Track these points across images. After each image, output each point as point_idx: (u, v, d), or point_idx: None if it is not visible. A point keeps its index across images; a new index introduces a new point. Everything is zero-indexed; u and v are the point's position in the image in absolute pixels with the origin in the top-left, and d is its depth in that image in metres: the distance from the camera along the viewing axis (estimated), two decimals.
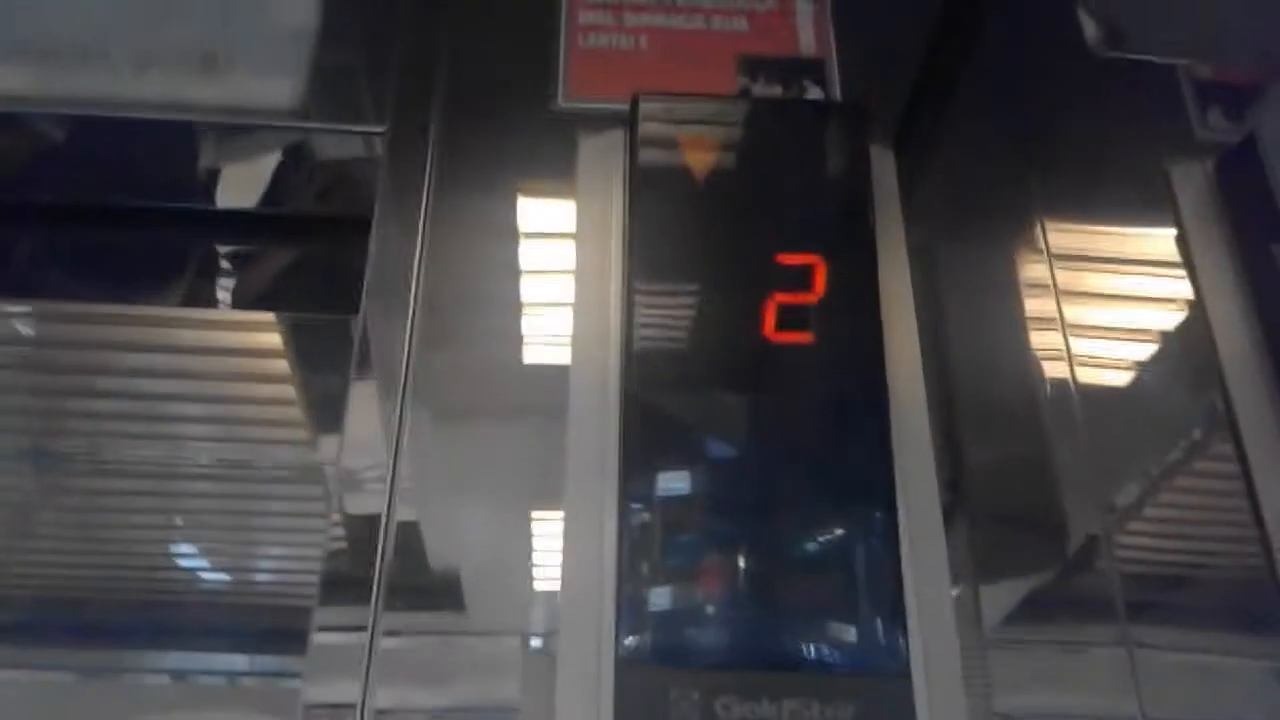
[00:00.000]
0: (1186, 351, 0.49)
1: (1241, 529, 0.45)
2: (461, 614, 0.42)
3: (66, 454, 0.54)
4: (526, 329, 0.49)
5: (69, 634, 0.49)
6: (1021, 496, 0.47)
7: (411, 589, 0.42)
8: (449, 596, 0.42)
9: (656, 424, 0.41)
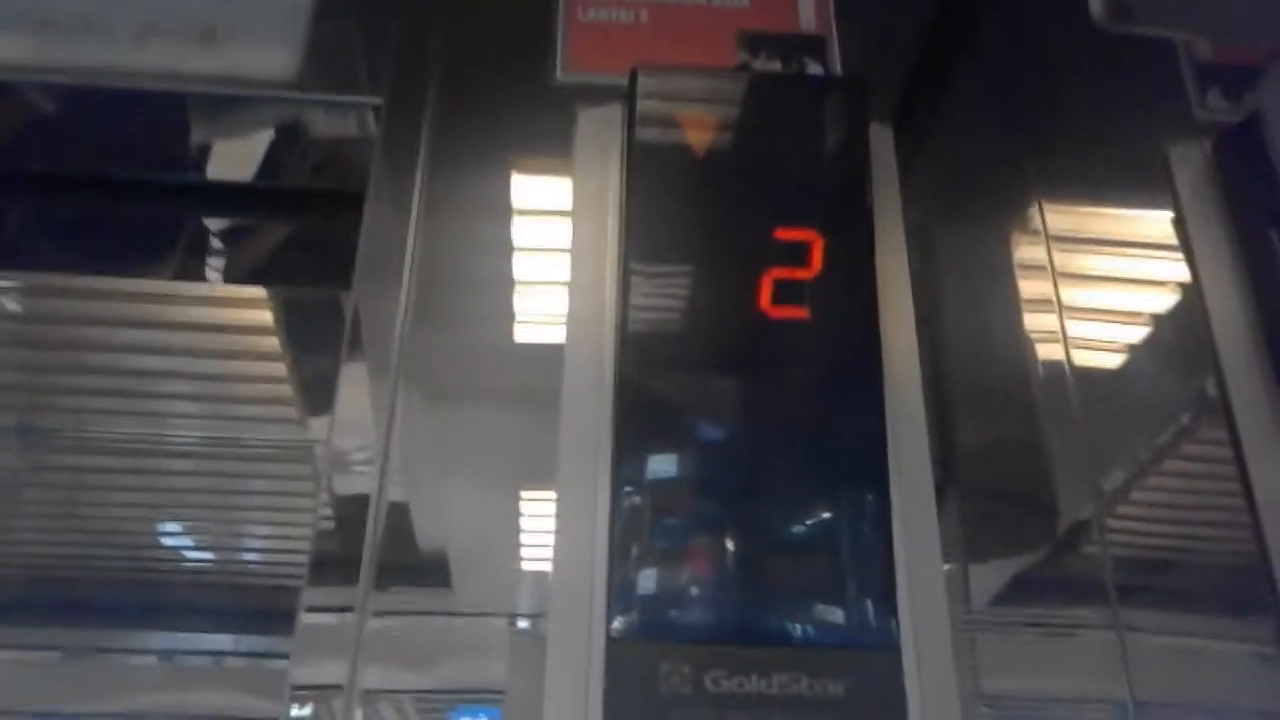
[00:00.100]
0: (1182, 335, 0.49)
1: (1233, 513, 0.45)
2: (451, 595, 0.42)
3: (52, 430, 0.53)
4: (521, 308, 0.48)
5: (54, 613, 0.48)
6: (1014, 477, 0.47)
7: (401, 569, 0.41)
8: (439, 577, 0.42)
9: (650, 405, 0.41)
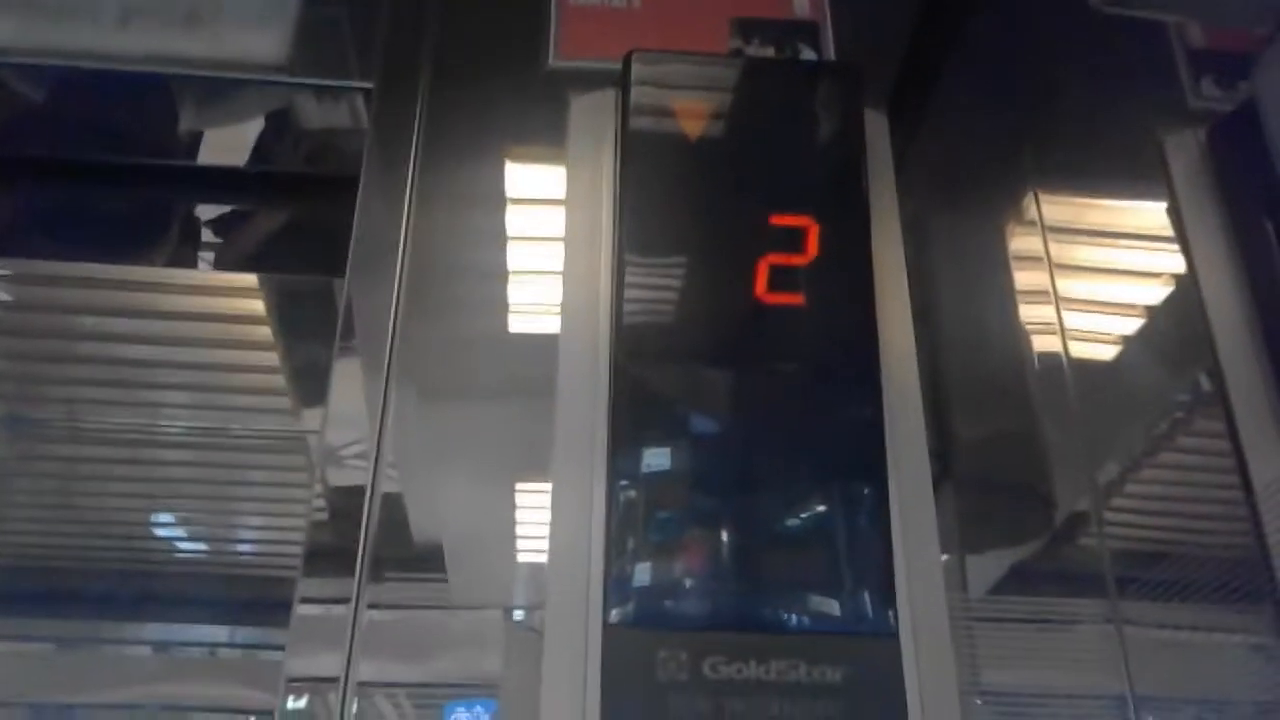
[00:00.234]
0: (1179, 325, 0.49)
1: (1230, 506, 0.45)
2: (446, 587, 0.42)
3: (44, 420, 0.53)
4: (515, 297, 0.48)
5: (47, 604, 0.48)
6: (1011, 469, 0.47)
7: (396, 561, 0.41)
8: (434, 569, 0.42)
9: (646, 393, 0.41)
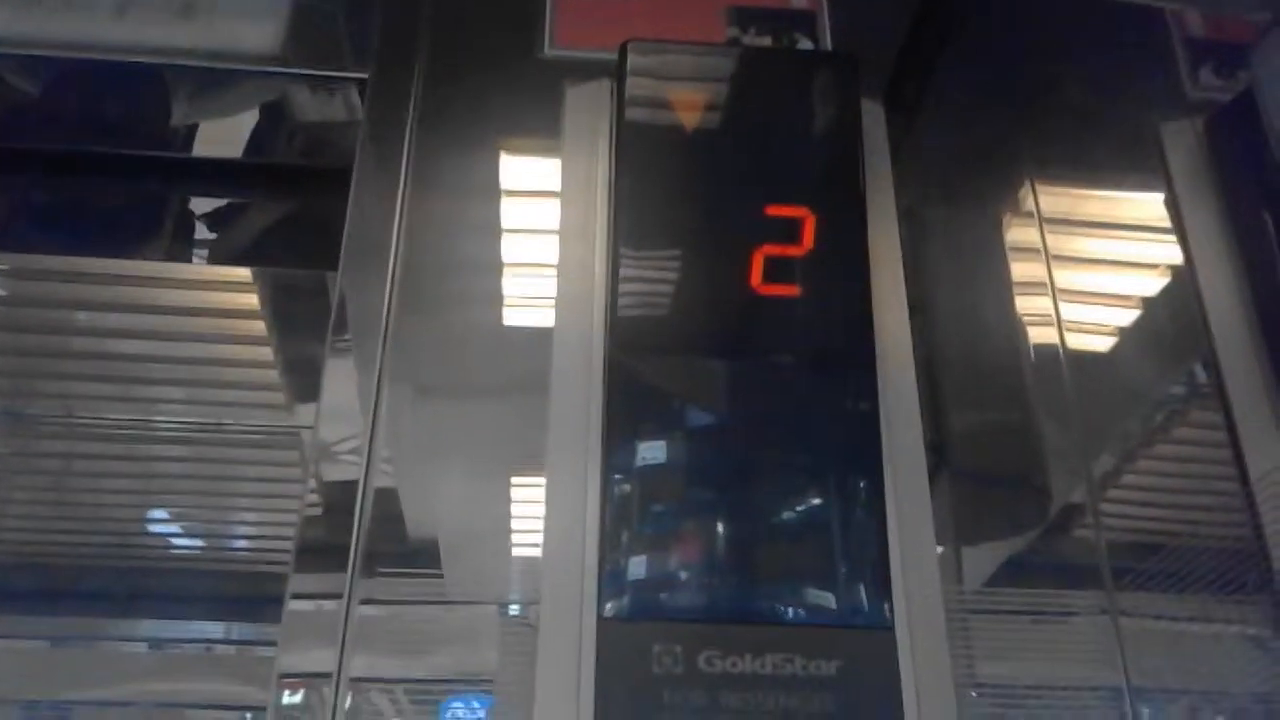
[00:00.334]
0: (1176, 316, 0.49)
1: (1227, 497, 0.45)
2: (440, 582, 0.41)
3: (38, 416, 0.52)
4: (509, 290, 0.48)
5: (41, 600, 0.48)
6: (1008, 461, 0.47)
7: (389, 556, 0.41)
8: (427, 564, 0.41)
9: (640, 386, 0.41)
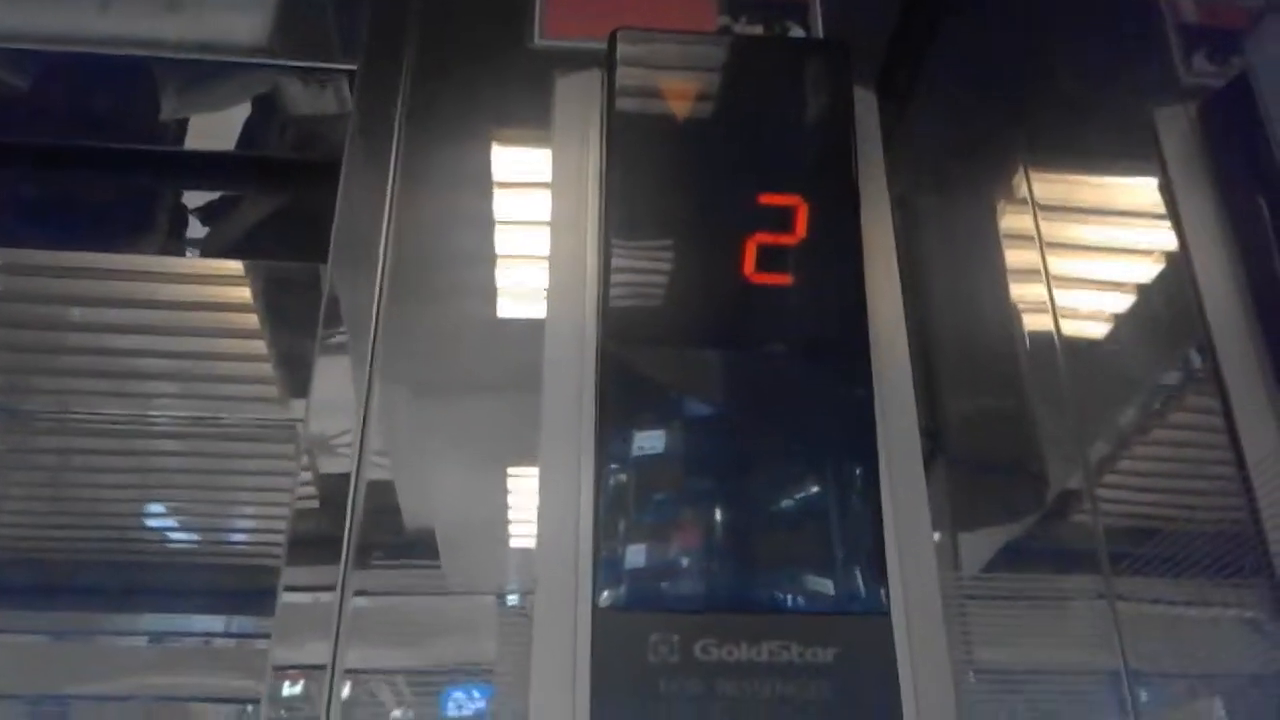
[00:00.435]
0: (1171, 301, 0.49)
1: (1223, 481, 0.45)
2: (435, 573, 0.41)
3: (32, 412, 0.52)
4: (500, 282, 0.48)
5: (38, 595, 0.48)
6: (1004, 448, 0.47)
7: (382, 548, 0.41)
8: (421, 555, 0.41)
9: (633, 376, 0.41)
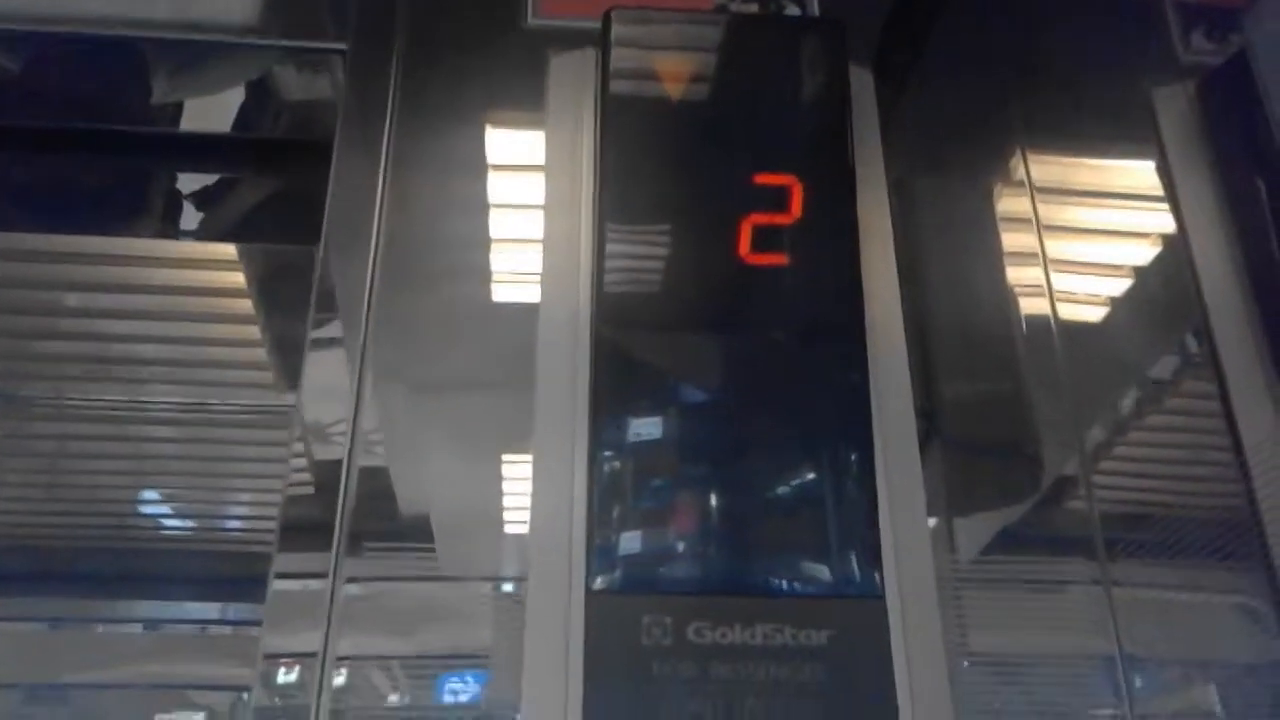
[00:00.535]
0: (1168, 284, 0.48)
1: (1220, 467, 0.45)
2: (426, 559, 0.41)
3: (28, 398, 0.52)
4: (494, 265, 0.47)
5: (33, 582, 0.47)
6: (1000, 432, 0.47)
7: (374, 534, 0.40)
8: (413, 542, 0.41)
9: (628, 358, 0.40)
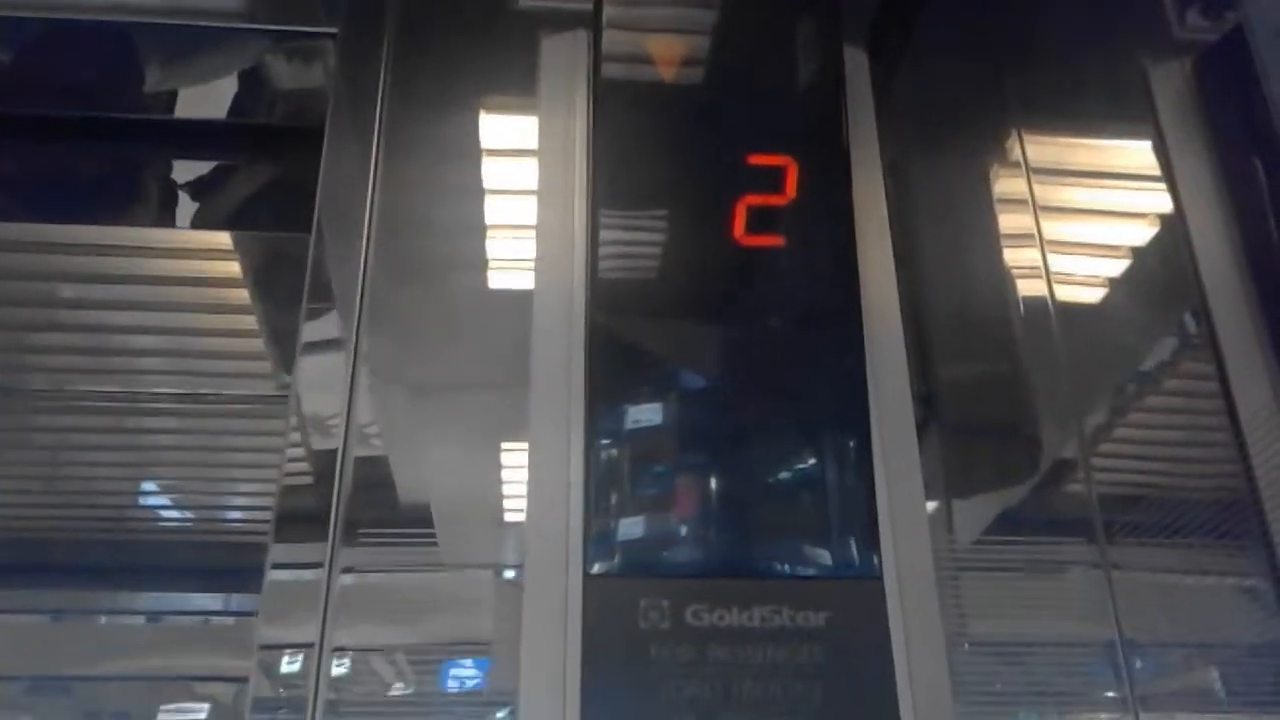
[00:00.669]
0: (1165, 263, 0.48)
1: (1218, 448, 0.45)
2: (423, 548, 0.41)
3: (24, 390, 0.52)
4: (487, 252, 0.47)
5: (32, 574, 0.47)
6: (997, 414, 0.46)
7: (370, 523, 0.40)
8: (410, 530, 0.41)
9: (623, 342, 0.40)
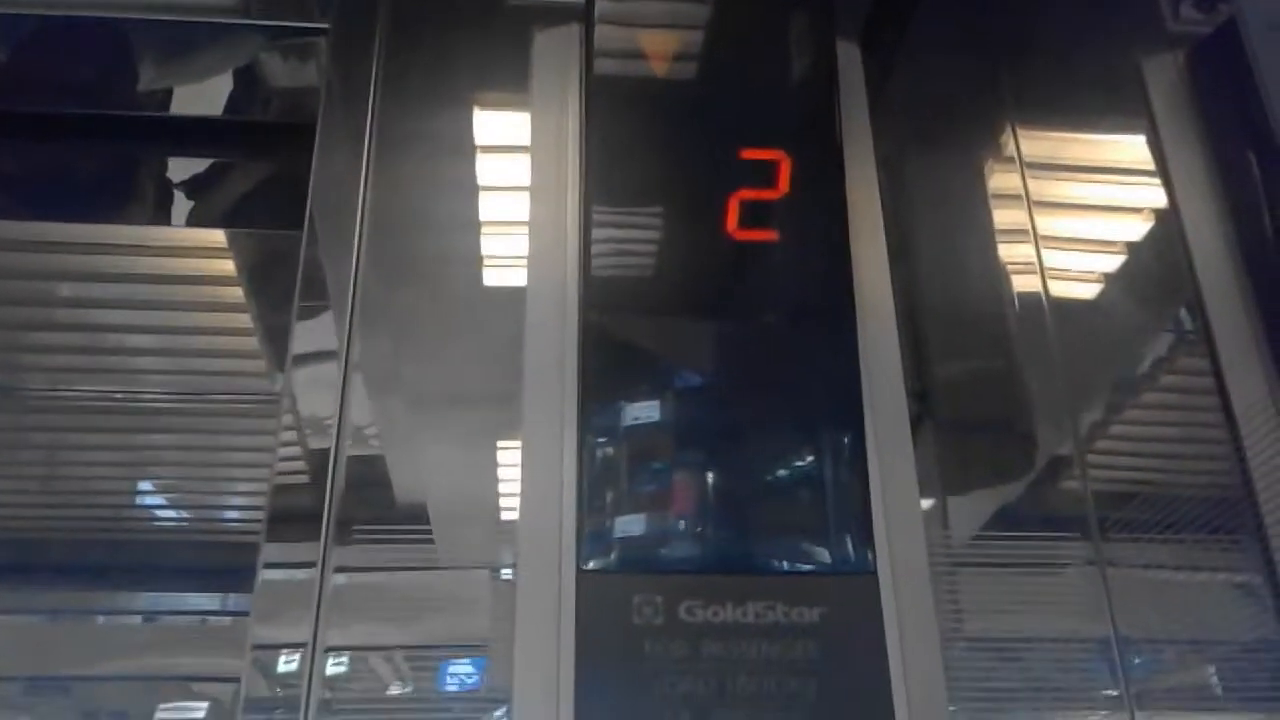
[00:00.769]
0: (1161, 260, 0.48)
1: (1213, 445, 0.45)
2: (416, 546, 0.41)
3: (20, 390, 0.51)
4: (482, 249, 0.47)
5: (28, 574, 0.47)
6: (992, 410, 0.46)
7: (363, 523, 0.40)
8: (403, 529, 0.41)
9: (616, 338, 0.40)
